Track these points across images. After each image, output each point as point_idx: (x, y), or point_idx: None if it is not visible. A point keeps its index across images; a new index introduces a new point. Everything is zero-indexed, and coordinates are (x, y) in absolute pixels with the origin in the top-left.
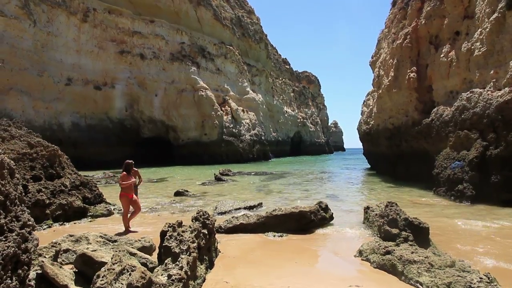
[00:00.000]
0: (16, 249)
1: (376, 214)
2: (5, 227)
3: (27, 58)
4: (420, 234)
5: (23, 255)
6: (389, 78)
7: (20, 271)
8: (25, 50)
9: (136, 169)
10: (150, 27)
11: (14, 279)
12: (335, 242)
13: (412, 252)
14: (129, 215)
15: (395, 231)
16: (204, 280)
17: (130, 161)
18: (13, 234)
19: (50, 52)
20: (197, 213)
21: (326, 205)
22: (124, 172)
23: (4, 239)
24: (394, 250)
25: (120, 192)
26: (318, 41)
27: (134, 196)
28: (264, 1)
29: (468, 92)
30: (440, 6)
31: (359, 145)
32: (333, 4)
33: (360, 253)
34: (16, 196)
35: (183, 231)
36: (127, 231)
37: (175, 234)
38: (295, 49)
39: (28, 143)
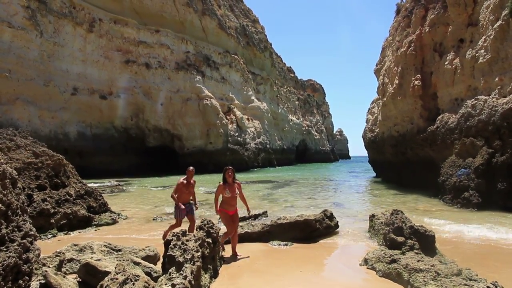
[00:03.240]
0: (17, 259)
1: (382, 222)
2: (6, 237)
3: (34, 68)
4: (426, 242)
5: (24, 265)
6: (394, 85)
7: (21, 282)
8: (32, 60)
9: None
10: (155, 36)
11: None
12: (340, 251)
13: (418, 261)
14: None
15: (400, 239)
16: None
17: (228, 167)
18: (14, 244)
19: (56, 62)
20: (201, 222)
21: (331, 213)
22: (183, 180)
23: (5, 249)
24: (400, 258)
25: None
26: (322, 49)
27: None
28: (269, 9)
29: (473, 99)
30: (444, 14)
31: (365, 153)
32: (337, 12)
33: (366, 261)
34: (18, 206)
35: (187, 240)
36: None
37: (179, 243)
38: (300, 57)
39: (34, 152)
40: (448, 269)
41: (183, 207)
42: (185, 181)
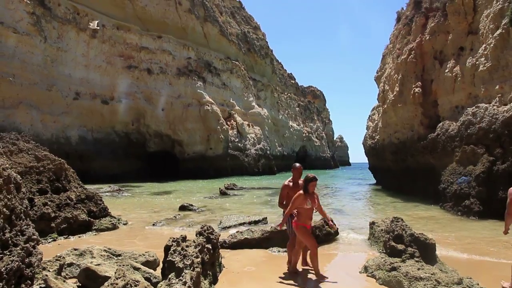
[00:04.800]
0: (20, 263)
1: (382, 230)
2: (10, 241)
3: (37, 73)
4: (426, 250)
5: (27, 269)
6: (394, 93)
7: (23, 286)
8: (35, 65)
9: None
10: (157, 42)
11: None
12: (340, 258)
13: (419, 269)
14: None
15: (401, 247)
16: None
17: (312, 175)
18: (18, 248)
19: (59, 67)
20: (201, 228)
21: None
22: (288, 183)
23: (8, 253)
24: (400, 266)
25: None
26: (323, 56)
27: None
28: (271, 16)
29: (474, 107)
30: (444, 22)
31: (365, 159)
32: (338, 19)
33: (366, 269)
34: (22, 210)
35: (187, 246)
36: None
37: (179, 248)
38: (301, 63)
39: (36, 156)
40: (448, 277)
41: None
42: (291, 183)
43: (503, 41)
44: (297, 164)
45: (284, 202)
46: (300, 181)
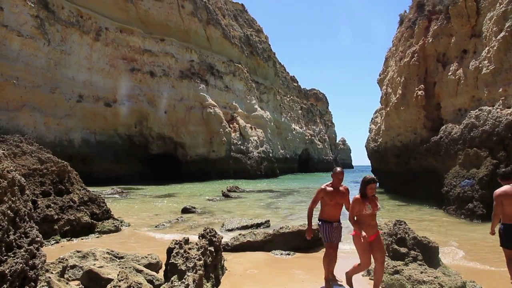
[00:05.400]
0: (24, 265)
1: (384, 233)
2: (14, 243)
3: (41, 75)
4: (429, 254)
5: (31, 271)
6: (397, 95)
7: None
8: (39, 68)
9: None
10: (160, 45)
11: None
12: (342, 261)
13: (422, 272)
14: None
15: (403, 250)
16: None
17: (371, 177)
18: (22, 250)
19: (62, 70)
20: (204, 230)
21: None
22: (326, 187)
23: (12, 255)
24: (403, 269)
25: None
26: (326, 58)
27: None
28: (273, 19)
29: (477, 110)
30: (447, 25)
31: (367, 162)
32: (340, 21)
33: (368, 272)
34: (26, 212)
35: (189, 249)
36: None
37: (182, 251)
38: (303, 66)
39: (39, 159)
40: (451, 281)
41: (309, 231)
42: (329, 188)
43: (507, 44)
44: (338, 169)
45: (313, 207)
46: (341, 188)
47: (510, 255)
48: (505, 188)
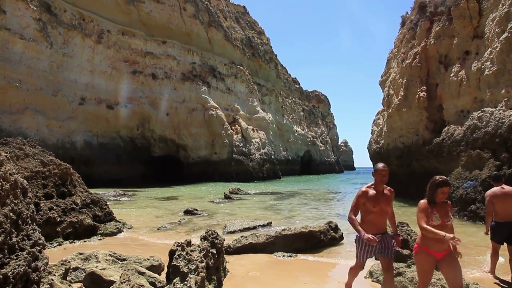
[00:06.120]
0: (27, 267)
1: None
2: (17, 245)
3: (43, 78)
4: None
5: (33, 273)
6: (399, 97)
7: None
8: (41, 71)
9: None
10: (162, 47)
11: None
12: (344, 263)
13: None
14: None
15: (406, 252)
16: None
17: (442, 178)
18: (24, 252)
19: (65, 73)
20: (206, 232)
21: (336, 225)
22: (367, 189)
23: (15, 258)
24: (405, 271)
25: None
26: (328, 60)
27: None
28: (275, 21)
29: (479, 111)
30: (449, 26)
31: (370, 164)
32: (341, 22)
33: (371, 274)
34: (28, 215)
35: (192, 251)
36: None
37: (184, 253)
38: (305, 68)
39: (41, 161)
40: None
41: (371, 238)
42: (371, 191)
43: (509, 45)
44: (380, 165)
45: (355, 215)
46: (386, 191)
47: (496, 248)
48: (494, 189)
